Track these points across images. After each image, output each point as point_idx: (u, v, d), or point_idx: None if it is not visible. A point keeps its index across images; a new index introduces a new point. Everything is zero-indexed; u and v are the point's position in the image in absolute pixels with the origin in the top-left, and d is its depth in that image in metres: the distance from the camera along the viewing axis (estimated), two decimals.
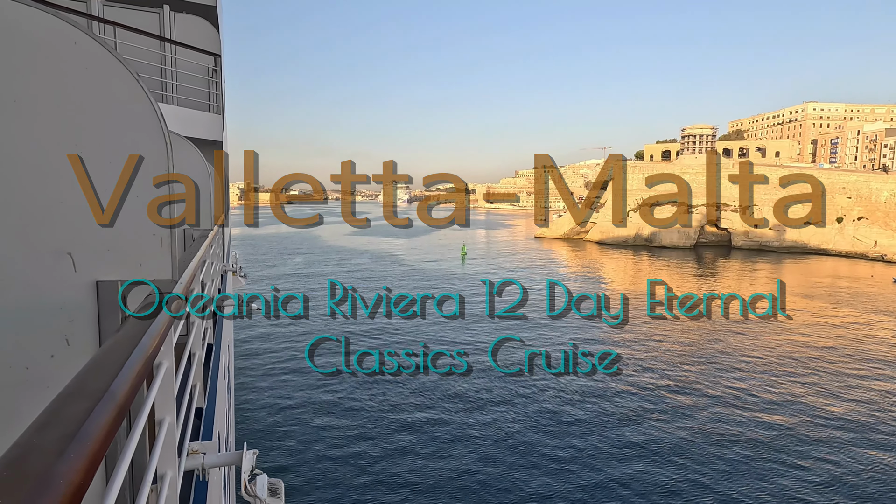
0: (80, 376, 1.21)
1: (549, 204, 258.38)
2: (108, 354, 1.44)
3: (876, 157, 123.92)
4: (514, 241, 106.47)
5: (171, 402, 2.22)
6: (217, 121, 11.78)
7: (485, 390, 24.78)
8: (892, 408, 23.51)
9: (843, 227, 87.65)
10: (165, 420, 2.18)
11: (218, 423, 4.44)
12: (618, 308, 43.68)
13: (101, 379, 1.21)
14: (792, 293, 51.63)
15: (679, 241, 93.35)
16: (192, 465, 2.77)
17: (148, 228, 2.79)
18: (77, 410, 0.99)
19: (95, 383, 1.16)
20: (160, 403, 2.20)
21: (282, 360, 29.99)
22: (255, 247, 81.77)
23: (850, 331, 37.08)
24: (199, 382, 3.96)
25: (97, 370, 1.27)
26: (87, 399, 1.06)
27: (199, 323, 3.93)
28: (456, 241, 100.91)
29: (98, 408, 1.03)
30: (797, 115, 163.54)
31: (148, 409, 1.77)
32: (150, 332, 1.72)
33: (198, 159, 7.73)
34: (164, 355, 2.13)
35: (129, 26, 9.18)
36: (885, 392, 25.39)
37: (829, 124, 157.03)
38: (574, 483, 17.27)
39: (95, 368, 1.29)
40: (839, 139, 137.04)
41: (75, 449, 0.84)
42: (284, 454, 19.39)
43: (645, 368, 28.20)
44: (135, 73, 2.71)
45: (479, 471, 17.85)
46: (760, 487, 17.10)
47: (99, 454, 0.91)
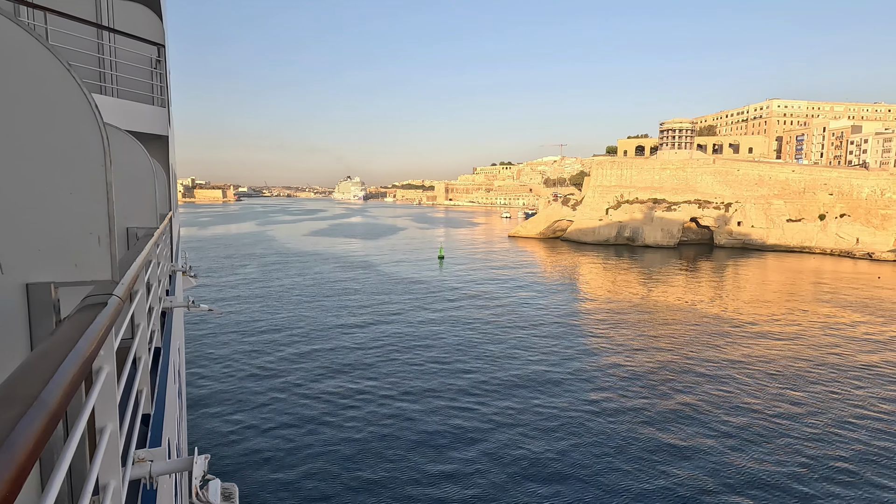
0: (9, 382, 1.17)
1: (510, 202, 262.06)
2: (40, 359, 1.36)
3: (842, 153, 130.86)
4: (490, 240, 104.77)
5: (112, 409, 2.13)
6: (162, 114, 11.30)
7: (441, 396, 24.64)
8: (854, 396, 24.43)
9: (827, 224, 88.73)
10: (107, 427, 2.10)
11: (167, 430, 4.29)
12: (611, 317, 44.08)
13: (31, 385, 1.15)
14: (781, 294, 52.90)
15: (663, 240, 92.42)
16: (138, 473, 2.67)
17: (84, 227, 2.64)
18: (4, 419, 0.95)
19: (25, 389, 1.12)
20: (101, 410, 2.11)
21: (237, 362, 29.25)
22: (204, 250, 78.08)
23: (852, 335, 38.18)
24: (145, 387, 3.81)
25: (27, 376, 1.22)
26: (16, 406, 1.01)
27: (145, 325, 3.77)
28: (426, 242, 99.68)
29: (28, 415, 0.99)
30: (762, 111, 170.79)
31: (86, 416, 1.70)
32: (88, 336, 1.64)
33: (140, 154, 7.39)
34: (103, 359, 2.05)
35: (61, 12, 8.65)
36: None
37: (793, 121, 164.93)
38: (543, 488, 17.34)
39: (26, 374, 1.23)
40: (805, 136, 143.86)
41: (1, 459, 0.81)
42: (240, 458, 18.92)
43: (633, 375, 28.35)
44: (65, 62, 2.57)
45: (431, 472, 17.81)
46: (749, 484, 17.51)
47: (27, 464, 0.87)
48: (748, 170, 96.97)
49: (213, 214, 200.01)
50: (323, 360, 29.87)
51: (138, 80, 10.98)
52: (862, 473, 18.62)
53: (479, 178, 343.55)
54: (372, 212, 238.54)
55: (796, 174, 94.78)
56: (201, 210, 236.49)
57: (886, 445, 20.63)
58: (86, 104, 2.65)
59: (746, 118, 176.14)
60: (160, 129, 11.29)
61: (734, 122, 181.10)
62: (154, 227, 6.42)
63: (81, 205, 2.64)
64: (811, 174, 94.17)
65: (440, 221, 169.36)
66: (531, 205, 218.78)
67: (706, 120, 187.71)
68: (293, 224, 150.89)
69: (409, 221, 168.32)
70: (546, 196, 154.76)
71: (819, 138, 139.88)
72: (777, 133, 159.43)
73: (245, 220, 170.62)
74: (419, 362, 29.69)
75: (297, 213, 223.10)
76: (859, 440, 21.06)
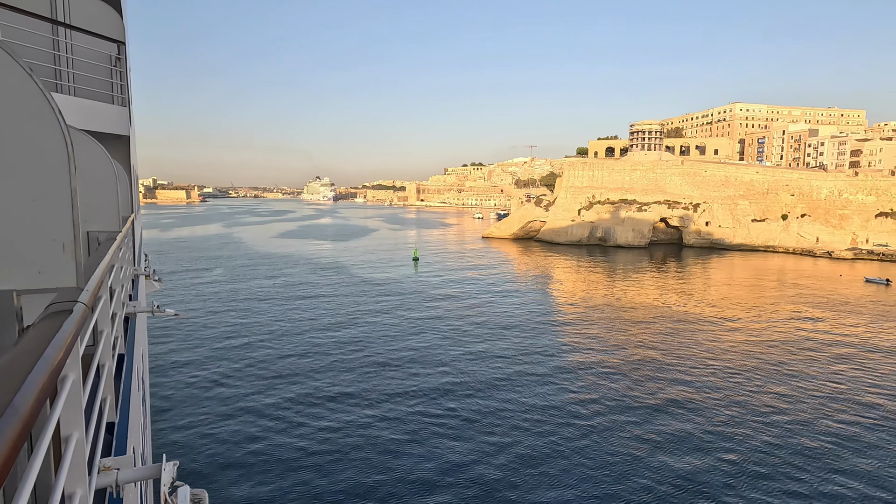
0: None
1: (482, 202, 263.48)
2: (7, 369, 1.36)
3: (801, 155, 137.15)
4: (464, 242, 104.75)
5: (78, 417, 2.12)
6: (122, 113, 11.00)
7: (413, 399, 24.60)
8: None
9: (789, 224, 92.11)
10: (73, 436, 2.08)
11: (132, 437, 4.22)
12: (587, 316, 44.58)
13: (1, 394, 1.15)
14: (748, 291, 54.35)
15: (634, 240, 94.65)
16: (104, 482, 2.64)
17: (48, 233, 2.59)
18: None
19: None
20: (66, 419, 2.09)
21: (204, 368, 28.59)
22: (168, 253, 75.57)
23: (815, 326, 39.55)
24: (109, 395, 3.74)
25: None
26: None
27: (109, 332, 3.71)
28: (399, 243, 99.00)
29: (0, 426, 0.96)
30: (725, 114, 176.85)
31: (53, 425, 1.69)
32: (55, 344, 1.64)
33: (101, 155, 7.19)
34: (69, 367, 2.01)
35: (13, 7, 8.33)
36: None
37: (755, 124, 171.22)
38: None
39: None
40: (766, 138, 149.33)
41: None
42: (208, 464, 18.52)
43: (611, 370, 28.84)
44: (25, 64, 2.51)
45: (403, 474, 17.78)
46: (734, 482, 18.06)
47: (2, 474, 0.85)
48: (715, 171, 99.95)
49: (177, 216, 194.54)
50: (294, 365, 29.44)
51: (97, 79, 10.65)
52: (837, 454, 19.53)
53: (450, 179, 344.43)
54: (342, 213, 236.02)
55: (760, 175, 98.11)
56: (164, 211, 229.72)
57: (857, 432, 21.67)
58: (47, 107, 2.60)
59: (711, 121, 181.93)
60: (121, 129, 10.98)
61: (699, 124, 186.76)
62: (116, 231, 6.27)
63: (45, 212, 2.59)
64: (774, 175, 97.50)
65: (412, 222, 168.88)
66: (503, 205, 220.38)
67: (673, 122, 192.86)
68: (261, 226, 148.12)
69: (381, 222, 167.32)
70: (518, 197, 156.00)
71: (779, 141, 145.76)
72: (740, 135, 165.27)
73: (211, 221, 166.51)
74: (397, 364, 29.59)
75: (265, 214, 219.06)
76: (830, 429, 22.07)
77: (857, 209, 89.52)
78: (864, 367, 30.28)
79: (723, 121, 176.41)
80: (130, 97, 12.43)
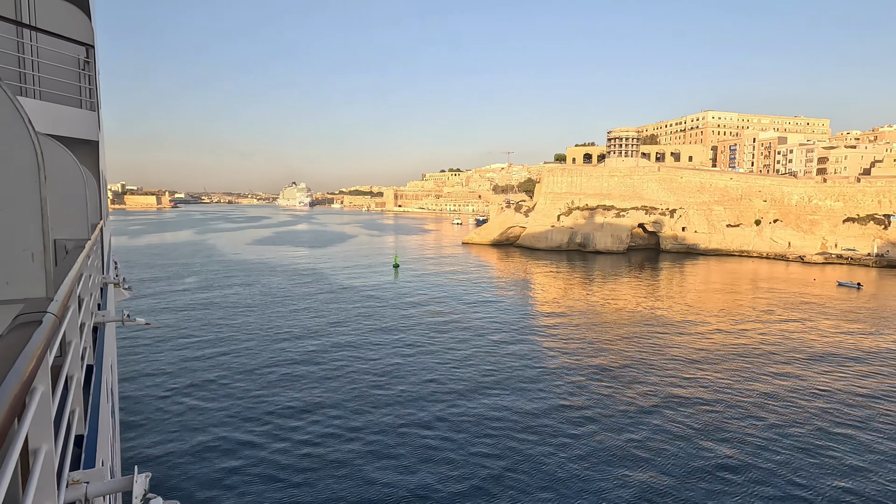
0: None
1: (460, 208, 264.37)
2: None
3: (770, 162, 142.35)
4: (444, 248, 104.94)
5: (48, 430, 2.09)
6: (91, 118, 10.78)
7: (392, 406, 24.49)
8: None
9: (762, 229, 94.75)
10: (41, 449, 2.05)
11: (101, 450, 4.13)
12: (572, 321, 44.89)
13: None
14: (723, 294, 55.49)
15: (613, 246, 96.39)
16: (73, 496, 2.60)
17: (16, 244, 2.55)
18: None
19: None
20: (35, 432, 2.07)
21: (176, 378, 27.95)
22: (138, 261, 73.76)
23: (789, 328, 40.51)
24: (78, 407, 3.67)
25: None
26: None
27: (77, 342, 3.64)
28: (378, 250, 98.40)
29: None
30: (698, 122, 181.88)
31: (21, 439, 1.67)
32: (25, 355, 1.62)
33: (69, 161, 7.04)
34: (39, 380, 1.99)
35: None
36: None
37: (726, 131, 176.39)
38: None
39: None
40: (737, 146, 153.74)
41: None
42: (181, 475, 18.11)
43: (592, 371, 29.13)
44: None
45: (381, 481, 17.69)
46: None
47: None
48: (690, 177, 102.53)
49: (147, 222, 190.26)
50: (272, 375, 29.00)
51: (64, 82, 10.43)
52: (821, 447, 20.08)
53: (428, 185, 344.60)
54: (319, 218, 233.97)
55: (734, 182, 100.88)
56: (133, 217, 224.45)
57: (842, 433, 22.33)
58: (15, 114, 2.57)
59: (685, 128, 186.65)
60: (89, 134, 10.75)
61: (673, 131, 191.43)
62: (85, 239, 6.15)
63: (14, 222, 2.55)
64: (747, 181, 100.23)
65: (390, 228, 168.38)
66: (481, 211, 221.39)
67: (648, 129, 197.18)
68: (235, 232, 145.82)
69: (359, 228, 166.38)
70: (497, 202, 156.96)
71: (750, 148, 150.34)
72: (712, 142, 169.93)
73: (182, 227, 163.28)
74: (380, 373, 29.39)
75: (240, 220, 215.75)
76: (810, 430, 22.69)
77: (826, 214, 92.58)
78: (842, 369, 31.26)
79: (696, 128, 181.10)
80: (99, 101, 12.19)
